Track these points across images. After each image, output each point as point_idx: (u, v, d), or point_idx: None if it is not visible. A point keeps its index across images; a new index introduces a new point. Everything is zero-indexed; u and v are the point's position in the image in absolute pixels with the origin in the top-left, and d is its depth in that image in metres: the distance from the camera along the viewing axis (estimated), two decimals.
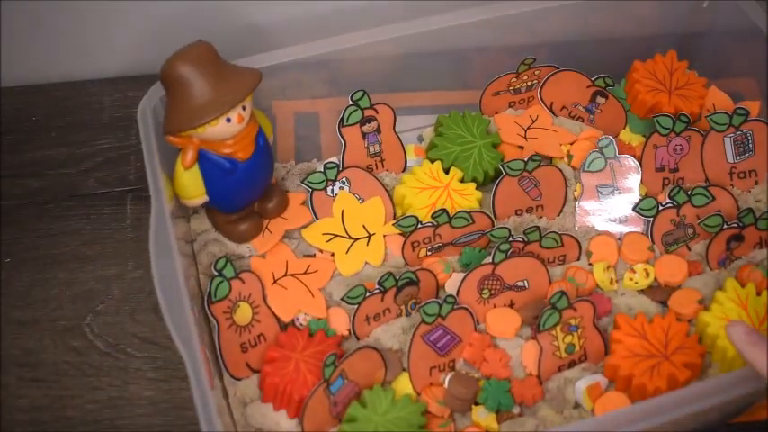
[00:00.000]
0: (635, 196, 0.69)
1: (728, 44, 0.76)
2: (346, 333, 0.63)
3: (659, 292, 0.65)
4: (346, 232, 0.67)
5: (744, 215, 0.65)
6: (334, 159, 0.72)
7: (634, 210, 0.68)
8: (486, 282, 0.63)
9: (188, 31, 0.82)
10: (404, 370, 0.61)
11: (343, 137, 0.69)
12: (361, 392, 0.59)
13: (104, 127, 0.80)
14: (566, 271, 0.66)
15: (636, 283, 0.65)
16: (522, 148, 0.73)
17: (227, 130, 0.60)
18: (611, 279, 0.66)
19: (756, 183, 0.71)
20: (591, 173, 0.70)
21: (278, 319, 0.63)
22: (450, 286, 0.64)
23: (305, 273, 0.65)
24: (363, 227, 0.68)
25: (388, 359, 0.60)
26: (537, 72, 0.75)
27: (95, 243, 0.72)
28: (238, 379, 0.61)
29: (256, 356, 0.61)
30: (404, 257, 0.67)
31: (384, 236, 0.68)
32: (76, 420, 0.62)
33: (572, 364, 0.61)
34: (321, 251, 0.67)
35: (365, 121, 0.69)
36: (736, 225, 0.65)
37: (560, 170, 0.70)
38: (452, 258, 0.67)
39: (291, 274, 0.65)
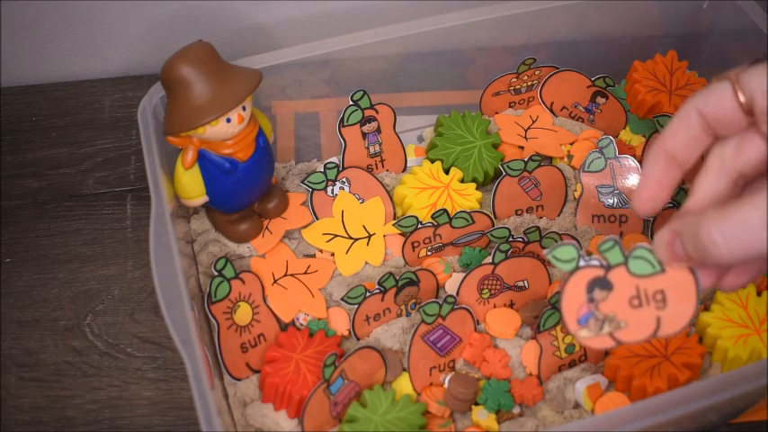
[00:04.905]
0: None
1: (728, 44, 0.76)
2: (346, 333, 0.63)
3: None
4: (346, 232, 0.67)
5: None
6: (334, 159, 0.73)
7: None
8: (486, 282, 0.63)
9: (188, 31, 0.82)
10: (404, 370, 0.61)
11: (343, 137, 0.69)
12: (361, 392, 0.59)
13: (104, 127, 0.80)
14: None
15: None
16: (522, 148, 0.73)
17: (227, 131, 0.59)
18: None
19: None
20: (591, 173, 0.70)
21: (278, 319, 0.63)
22: (450, 286, 0.64)
23: (305, 273, 0.65)
24: (363, 227, 0.68)
25: (388, 359, 0.60)
26: (537, 72, 0.75)
27: (95, 243, 0.72)
28: (238, 379, 0.61)
29: (256, 357, 0.61)
30: (404, 257, 0.67)
31: (384, 236, 0.68)
32: (76, 420, 0.62)
33: (572, 365, 0.61)
34: (321, 251, 0.67)
35: (365, 121, 0.69)
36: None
37: (560, 170, 0.70)
38: (452, 258, 0.67)
39: (291, 275, 0.65)
